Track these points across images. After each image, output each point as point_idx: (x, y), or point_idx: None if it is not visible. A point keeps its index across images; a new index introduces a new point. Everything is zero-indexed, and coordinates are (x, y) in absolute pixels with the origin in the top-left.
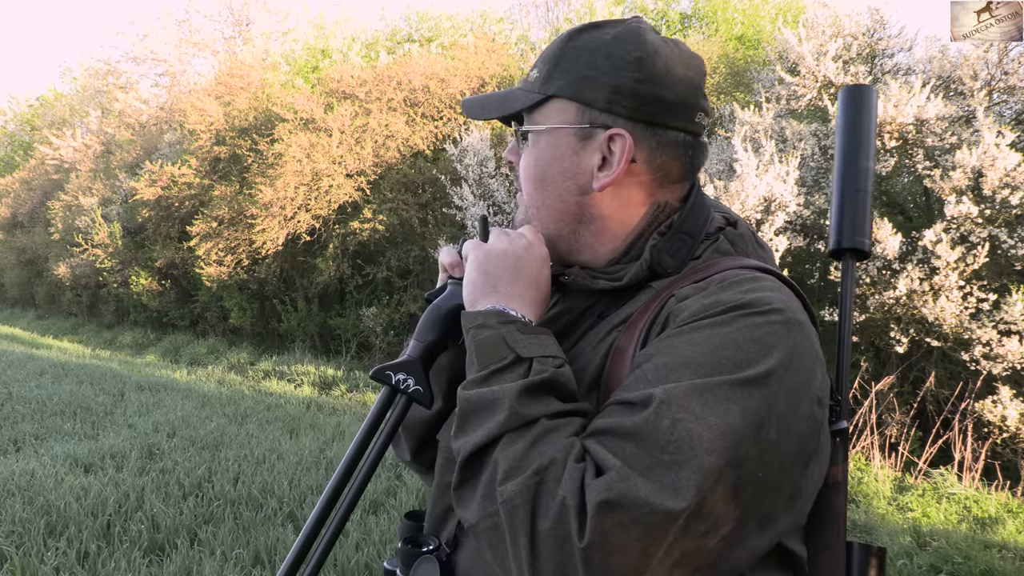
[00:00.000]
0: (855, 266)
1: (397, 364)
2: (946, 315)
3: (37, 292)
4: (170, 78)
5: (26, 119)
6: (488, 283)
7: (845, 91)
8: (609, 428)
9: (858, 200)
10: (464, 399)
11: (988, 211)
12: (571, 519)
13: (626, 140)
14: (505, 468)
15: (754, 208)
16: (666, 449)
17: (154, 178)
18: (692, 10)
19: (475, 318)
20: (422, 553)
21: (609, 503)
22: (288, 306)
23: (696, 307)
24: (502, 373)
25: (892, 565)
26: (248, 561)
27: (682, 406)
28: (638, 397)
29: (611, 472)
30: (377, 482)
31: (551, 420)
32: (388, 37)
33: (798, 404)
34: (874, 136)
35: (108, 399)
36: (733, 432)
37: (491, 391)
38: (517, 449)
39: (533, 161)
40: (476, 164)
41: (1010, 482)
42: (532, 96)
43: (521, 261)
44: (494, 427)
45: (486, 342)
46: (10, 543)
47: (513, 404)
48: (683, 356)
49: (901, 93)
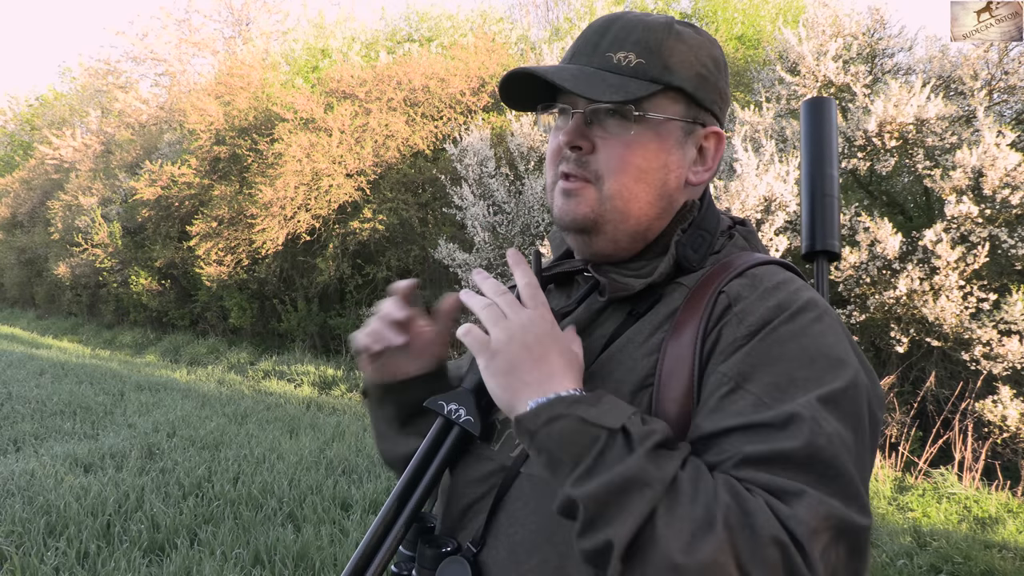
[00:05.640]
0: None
1: (451, 395)
2: (946, 315)
3: (37, 292)
4: (170, 78)
5: (26, 119)
6: (518, 376)
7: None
8: (767, 455)
9: (826, 205)
10: (586, 497)
11: (988, 211)
12: (794, 555)
13: (722, 139)
14: (682, 536)
15: (754, 208)
16: (832, 465)
17: (154, 178)
18: (692, 10)
19: (538, 417)
20: (446, 554)
21: (819, 529)
22: (288, 306)
23: (761, 311)
24: (605, 454)
25: (892, 565)
26: (248, 561)
27: (826, 419)
28: (776, 418)
29: (804, 498)
30: (378, 482)
31: (684, 471)
32: (388, 37)
33: (873, 381)
34: (836, 144)
35: (108, 399)
36: (852, 439)
37: (616, 475)
38: (683, 512)
39: (635, 149)
40: (476, 164)
41: (1010, 482)
42: (646, 86)
43: (532, 335)
44: (644, 506)
45: (565, 432)
46: (10, 543)
47: (650, 474)
48: (786, 372)
49: (901, 93)
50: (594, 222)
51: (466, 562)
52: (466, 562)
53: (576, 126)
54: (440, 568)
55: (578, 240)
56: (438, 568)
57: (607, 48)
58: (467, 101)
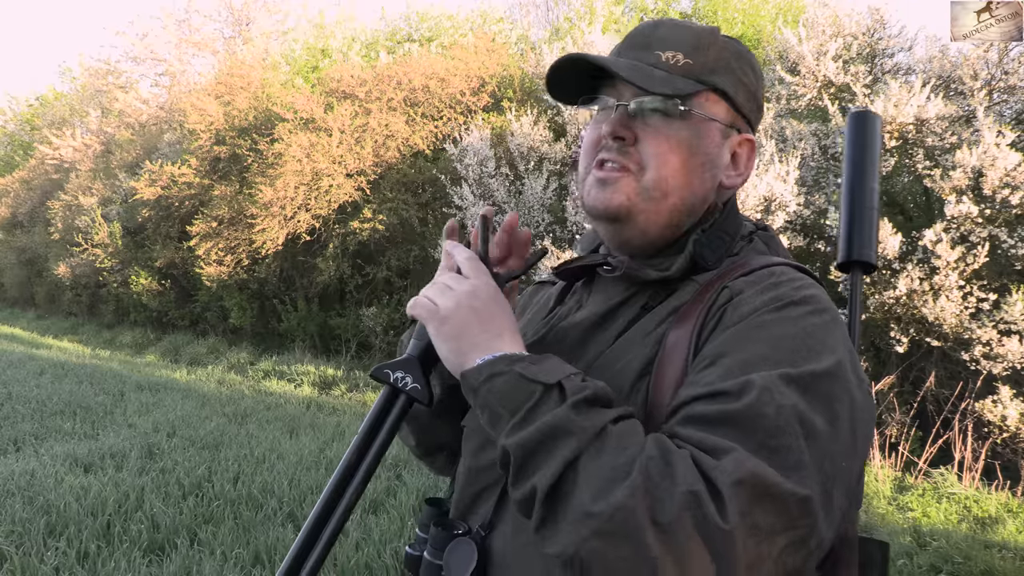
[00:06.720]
0: (863, 278)
1: (396, 363)
2: (946, 315)
3: (37, 292)
4: (170, 78)
5: (26, 119)
6: (467, 339)
7: (853, 116)
8: (709, 415)
9: (866, 217)
10: (515, 446)
11: (988, 211)
12: (707, 503)
13: (755, 148)
14: (599, 483)
15: (754, 208)
16: (774, 435)
17: (154, 178)
18: (692, 9)
19: (480, 372)
20: (455, 536)
21: (743, 482)
22: (288, 306)
23: (756, 302)
24: (538, 407)
25: (892, 565)
26: (248, 561)
27: (781, 393)
28: (732, 386)
29: (733, 453)
30: (377, 482)
31: (615, 425)
32: (388, 37)
33: (863, 395)
34: (879, 158)
35: (108, 399)
36: (825, 421)
37: (542, 423)
38: (604, 460)
39: (676, 145)
40: (476, 164)
41: (1010, 482)
42: (693, 84)
43: (479, 300)
44: (567, 452)
45: (504, 388)
46: (10, 543)
47: (575, 423)
48: (760, 351)
49: (901, 93)
50: (628, 211)
51: (473, 544)
52: (473, 544)
53: (620, 117)
54: (448, 549)
55: (608, 229)
56: (446, 549)
57: (656, 46)
58: (467, 101)
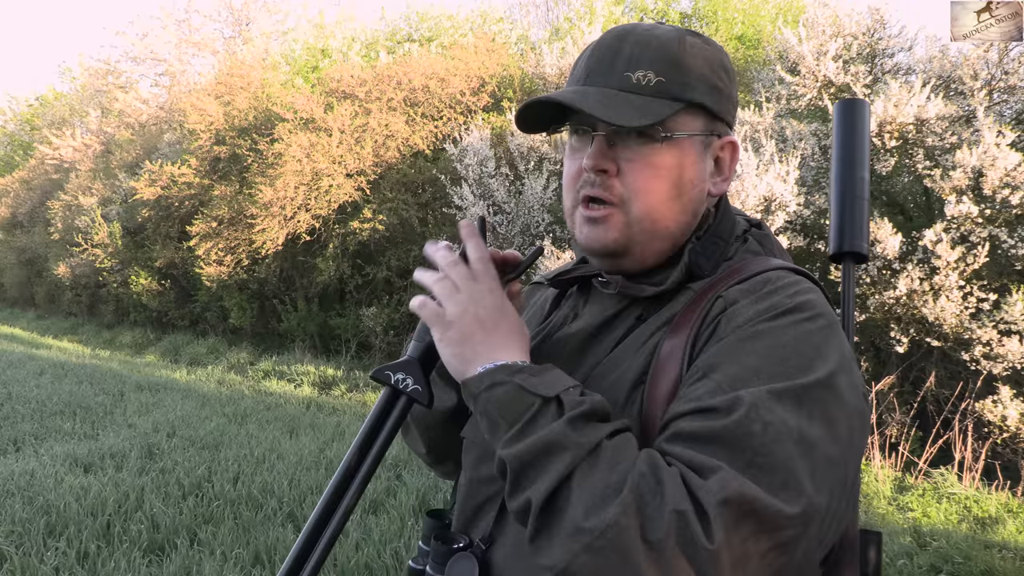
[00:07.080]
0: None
1: (396, 364)
2: (946, 315)
3: (37, 292)
4: (170, 78)
5: (26, 119)
6: (470, 346)
7: (840, 105)
8: (698, 432)
9: (856, 207)
10: (511, 457)
11: (988, 211)
12: (693, 523)
13: (736, 148)
14: (591, 499)
15: (754, 208)
16: (761, 452)
17: (154, 178)
18: (692, 10)
19: (481, 381)
20: (456, 551)
21: (728, 502)
22: (288, 306)
23: (750, 312)
24: (536, 420)
25: (892, 565)
26: (248, 561)
27: (769, 409)
28: (721, 403)
29: (719, 472)
30: (377, 482)
31: (611, 440)
32: (388, 37)
33: (856, 400)
34: (868, 147)
35: (108, 399)
36: (817, 435)
37: (539, 438)
38: (598, 477)
39: (661, 170)
40: (476, 164)
41: (1010, 482)
42: (669, 105)
43: (485, 308)
44: (562, 467)
45: (504, 398)
46: (10, 543)
47: (571, 438)
48: (752, 365)
49: (901, 93)
50: (624, 246)
51: (474, 558)
52: (474, 558)
53: (599, 148)
54: (449, 564)
55: (605, 262)
56: (447, 564)
57: (624, 67)
58: (467, 101)
